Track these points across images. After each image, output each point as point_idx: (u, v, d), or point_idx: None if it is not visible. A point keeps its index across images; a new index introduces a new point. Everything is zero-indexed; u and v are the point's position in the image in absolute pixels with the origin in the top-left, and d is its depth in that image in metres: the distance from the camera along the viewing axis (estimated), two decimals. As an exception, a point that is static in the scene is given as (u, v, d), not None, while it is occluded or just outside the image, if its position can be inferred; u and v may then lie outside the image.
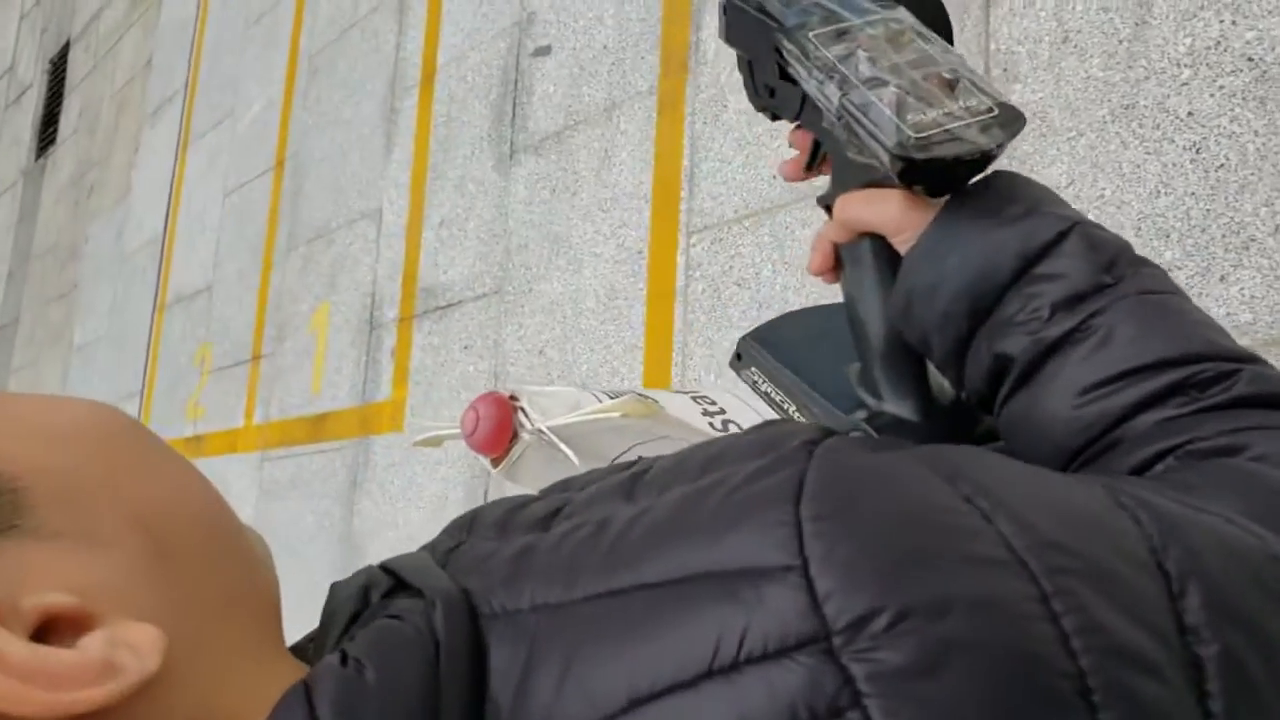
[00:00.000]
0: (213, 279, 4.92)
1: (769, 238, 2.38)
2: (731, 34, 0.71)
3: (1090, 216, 1.87)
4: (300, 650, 0.46)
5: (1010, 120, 0.58)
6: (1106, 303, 0.56)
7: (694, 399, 1.37)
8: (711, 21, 2.66)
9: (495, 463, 1.24)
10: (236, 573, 0.44)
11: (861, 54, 0.62)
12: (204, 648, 0.40)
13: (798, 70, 0.64)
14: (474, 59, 3.50)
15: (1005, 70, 2.00)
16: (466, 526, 0.49)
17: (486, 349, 3.13)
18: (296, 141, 4.46)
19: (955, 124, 0.58)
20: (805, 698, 0.33)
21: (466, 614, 0.40)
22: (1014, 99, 1.97)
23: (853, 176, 0.66)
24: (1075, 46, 1.91)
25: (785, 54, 0.65)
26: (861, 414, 0.72)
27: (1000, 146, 0.58)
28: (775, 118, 0.73)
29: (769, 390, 0.81)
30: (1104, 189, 1.81)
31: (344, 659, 0.39)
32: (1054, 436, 0.57)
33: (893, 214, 0.63)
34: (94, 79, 7.24)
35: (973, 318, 0.59)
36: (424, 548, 0.49)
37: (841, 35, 0.63)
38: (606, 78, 2.95)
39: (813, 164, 0.72)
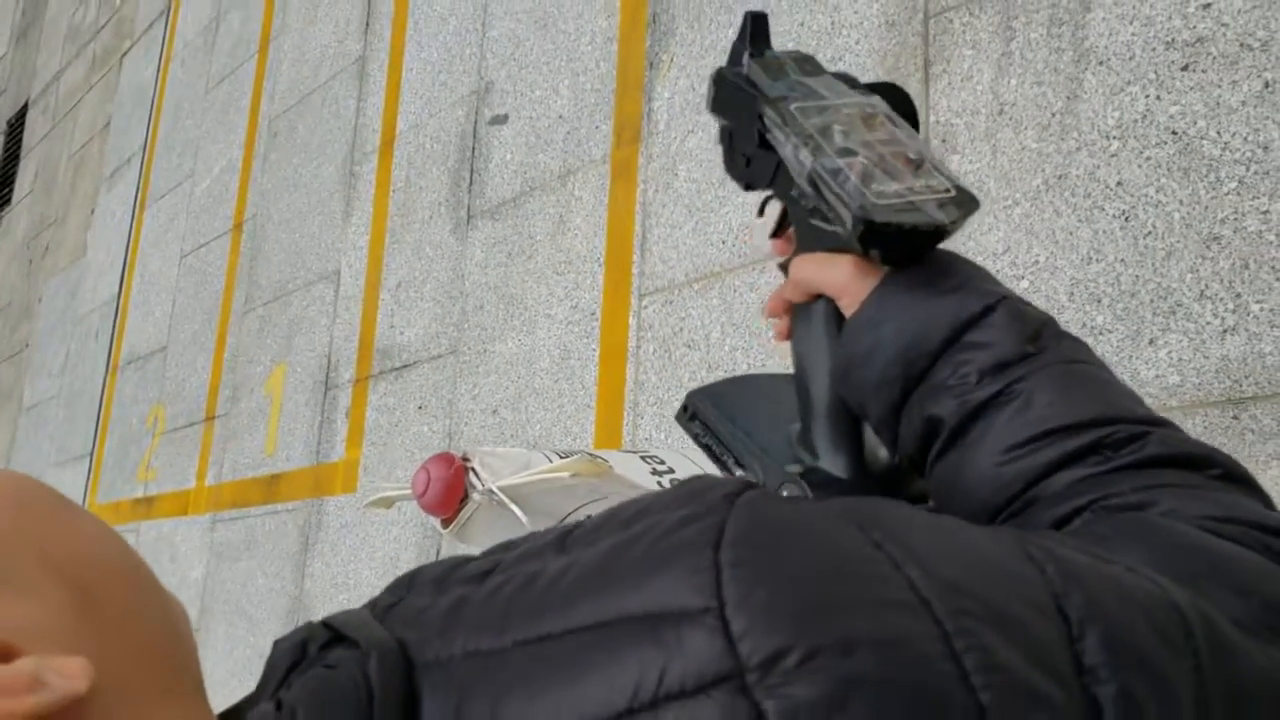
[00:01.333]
0: (168, 340, 4.90)
1: (718, 300, 2.43)
2: (718, 104, 0.76)
3: (1025, 282, 1.92)
4: (237, 711, 0.46)
5: (965, 202, 0.63)
6: (1029, 370, 0.60)
7: (643, 458, 1.40)
8: (664, 93, 2.74)
9: (446, 523, 1.26)
10: (158, 625, 0.46)
11: (837, 127, 0.67)
12: (130, 690, 0.41)
13: (776, 135, 0.70)
14: (432, 126, 3.55)
15: (944, 141, 2.08)
16: (406, 585, 0.50)
17: (441, 409, 3.15)
18: (255, 204, 4.48)
19: (915, 197, 0.63)
20: None
21: (400, 663, 0.42)
22: (952, 168, 2.04)
23: (813, 241, 0.70)
24: (1010, 119, 1.99)
25: (766, 120, 0.71)
26: (796, 468, 0.75)
27: (954, 223, 0.63)
28: (749, 187, 0.77)
29: (710, 443, 0.85)
30: (1038, 255, 1.88)
31: (278, 705, 0.41)
32: (980, 494, 0.60)
33: (841, 278, 0.67)
34: (51, 140, 7.24)
35: (906, 382, 0.63)
36: (365, 605, 0.50)
37: (821, 110, 0.69)
38: (562, 146, 3.01)
39: (779, 231, 0.76)
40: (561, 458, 1.31)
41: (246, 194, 4.58)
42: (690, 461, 1.40)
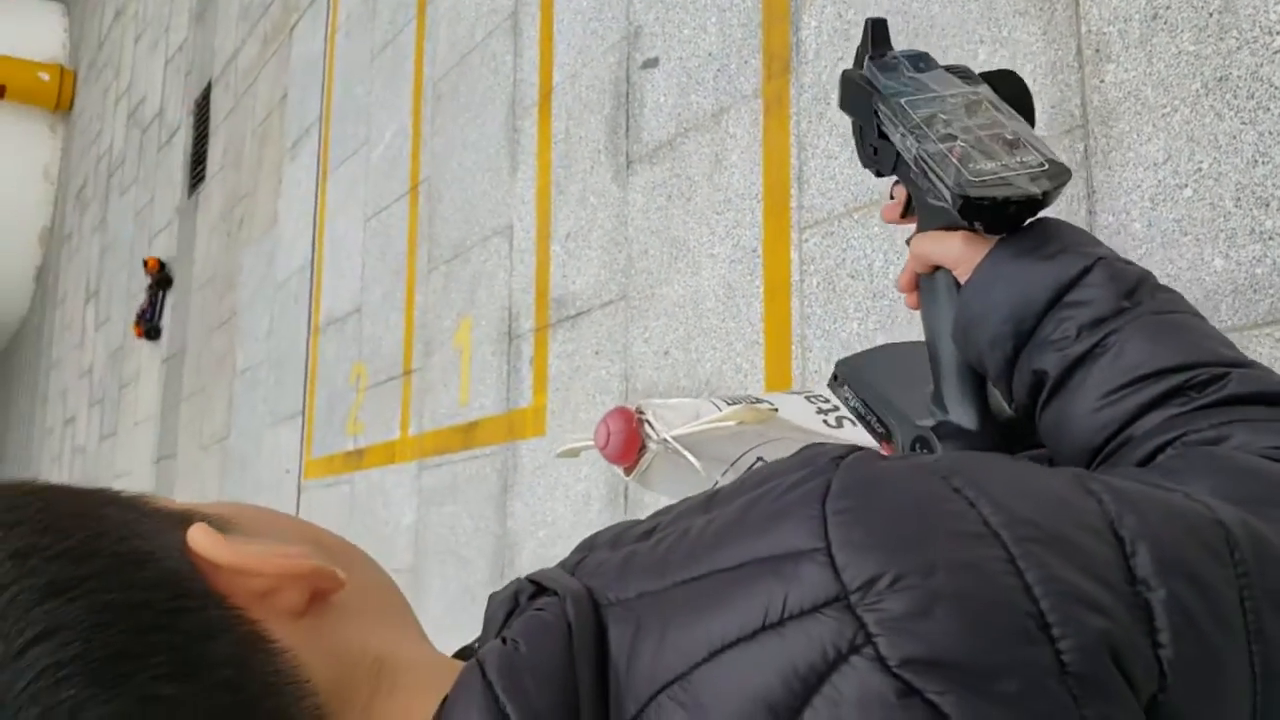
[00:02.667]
0: (361, 301, 5.20)
1: (879, 229, 2.46)
2: (844, 101, 0.87)
3: (1189, 190, 1.91)
4: (469, 651, 0.60)
5: (1057, 174, 0.72)
6: (1124, 323, 0.68)
7: (808, 399, 1.49)
8: (811, 21, 2.75)
9: (627, 471, 1.38)
10: (384, 584, 0.60)
11: (941, 116, 0.77)
12: (369, 614, 0.56)
13: (889, 128, 0.80)
14: (586, 76, 3.65)
15: (1098, 51, 2.04)
16: (588, 546, 0.63)
17: (616, 353, 3.29)
18: (428, 166, 4.69)
19: (1008, 173, 0.71)
20: (833, 640, 0.45)
21: (590, 605, 0.54)
22: (1108, 78, 2.01)
23: (931, 219, 0.80)
24: (1165, 23, 1.94)
25: (880, 115, 0.81)
26: (929, 422, 0.85)
27: (1046, 194, 0.71)
28: (879, 174, 0.88)
29: (856, 406, 0.96)
30: (1201, 162, 1.85)
31: (504, 640, 0.54)
32: (1080, 437, 0.69)
33: (954, 250, 0.77)
34: (235, 116, 7.67)
35: (1016, 339, 0.72)
36: (559, 564, 0.63)
37: (928, 102, 0.79)
38: (713, 84, 3.06)
39: (907, 212, 0.86)
40: (729, 404, 1.40)
41: (419, 156, 4.79)
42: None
